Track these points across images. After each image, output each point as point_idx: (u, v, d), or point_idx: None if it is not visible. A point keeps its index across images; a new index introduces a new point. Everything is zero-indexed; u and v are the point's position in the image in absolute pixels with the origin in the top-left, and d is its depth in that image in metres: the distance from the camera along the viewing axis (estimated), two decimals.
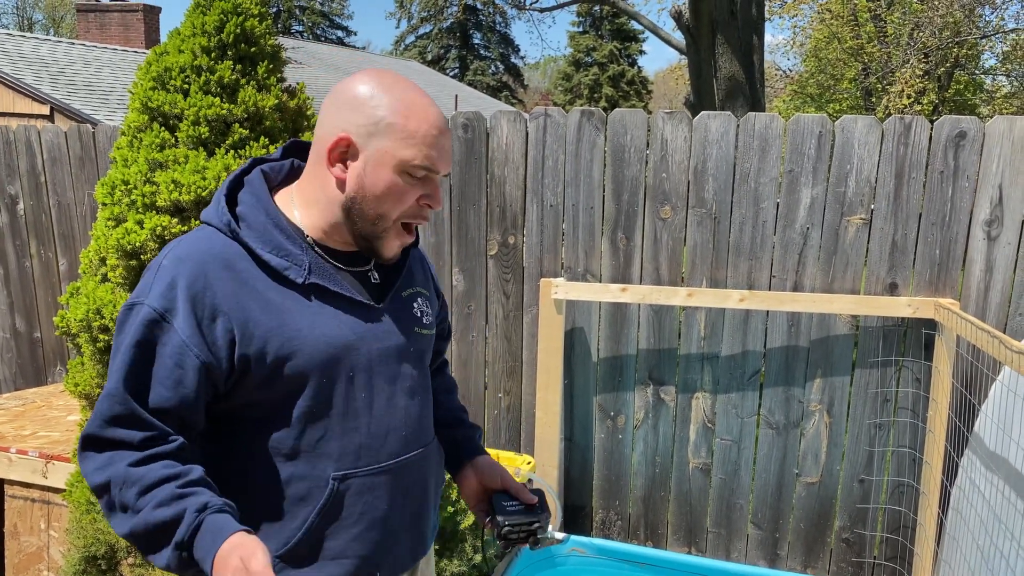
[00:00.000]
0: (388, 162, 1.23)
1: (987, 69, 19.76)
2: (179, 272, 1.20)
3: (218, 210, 1.27)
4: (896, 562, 3.14)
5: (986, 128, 2.79)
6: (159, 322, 1.18)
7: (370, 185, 1.23)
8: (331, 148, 1.23)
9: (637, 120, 3.13)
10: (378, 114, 1.22)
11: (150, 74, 2.33)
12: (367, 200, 1.24)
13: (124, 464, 1.15)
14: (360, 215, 1.26)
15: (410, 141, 1.22)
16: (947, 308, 2.76)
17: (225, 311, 1.19)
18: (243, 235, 1.24)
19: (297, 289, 1.25)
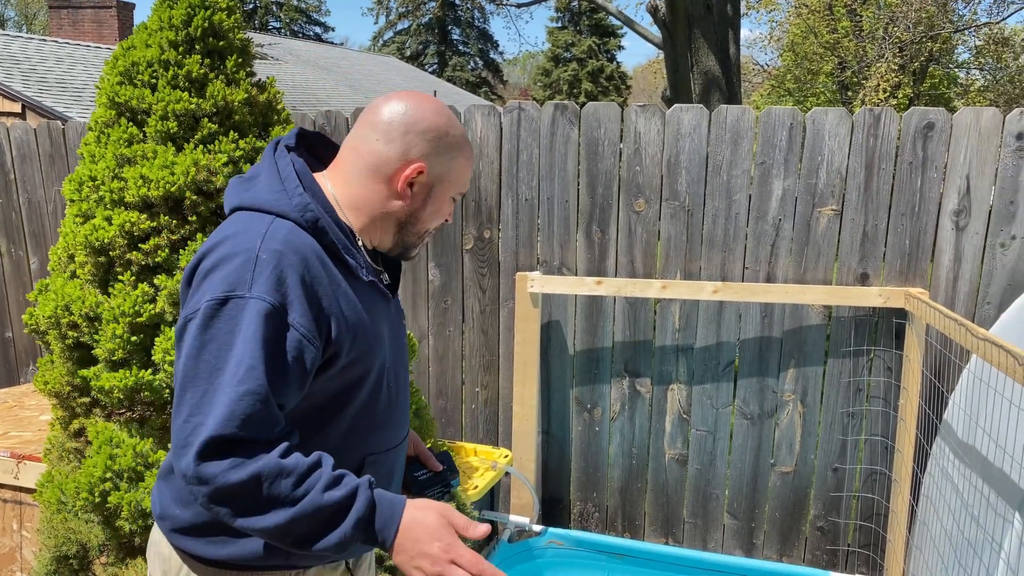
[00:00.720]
0: (449, 192, 1.39)
1: (961, 63, 19.99)
2: (285, 265, 1.20)
3: (300, 207, 1.28)
4: (870, 549, 3.18)
5: (953, 119, 2.83)
6: (276, 315, 1.17)
7: (431, 208, 1.38)
8: (406, 175, 1.33)
9: (610, 113, 3.14)
10: (453, 151, 1.36)
11: (117, 69, 2.31)
12: (423, 219, 1.38)
13: (274, 457, 1.13)
14: (412, 230, 1.39)
15: (466, 176, 1.41)
16: (917, 297, 2.79)
17: (326, 306, 1.24)
18: (330, 236, 1.29)
19: (361, 286, 1.34)
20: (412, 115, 1.33)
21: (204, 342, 1.16)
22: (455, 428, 3.60)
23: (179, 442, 1.13)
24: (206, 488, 1.12)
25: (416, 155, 1.33)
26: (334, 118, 3.45)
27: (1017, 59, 17.88)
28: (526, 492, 3.30)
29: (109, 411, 2.35)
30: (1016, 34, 17.84)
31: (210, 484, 1.11)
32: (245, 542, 1.32)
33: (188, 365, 1.16)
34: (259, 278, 1.17)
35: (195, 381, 1.15)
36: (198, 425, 1.12)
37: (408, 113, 1.33)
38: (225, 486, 1.11)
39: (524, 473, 3.31)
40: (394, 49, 39.19)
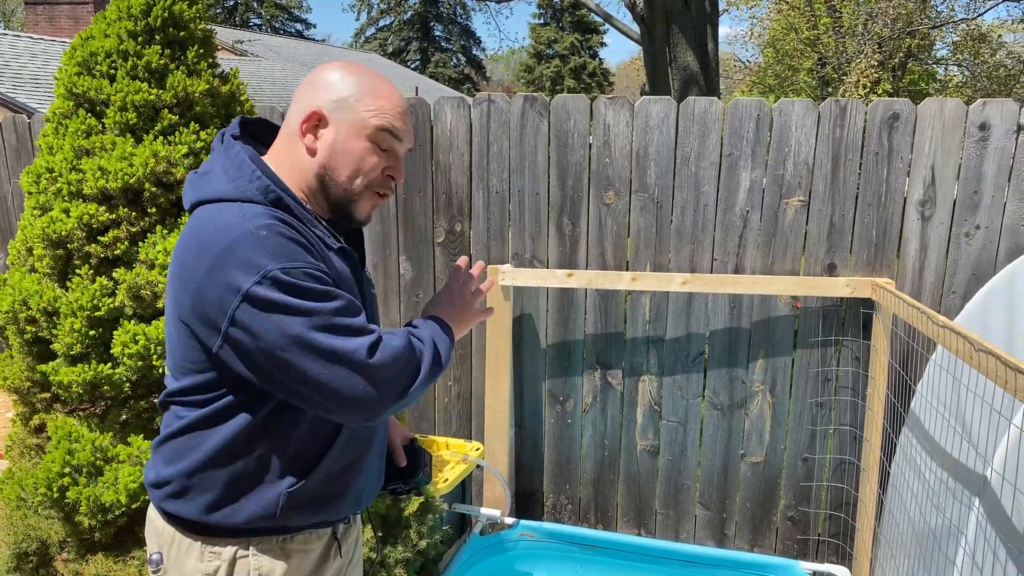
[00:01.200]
0: (357, 131, 1.37)
1: (939, 59, 20.14)
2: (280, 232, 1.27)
3: (261, 189, 1.33)
4: (839, 538, 3.20)
5: (918, 110, 2.84)
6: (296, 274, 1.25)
7: (341, 152, 1.37)
8: (304, 120, 1.37)
9: (580, 105, 3.14)
10: (347, 91, 1.37)
11: (75, 59, 2.29)
12: (338, 167, 1.38)
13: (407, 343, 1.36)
14: (332, 182, 1.39)
15: (377, 112, 1.37)
16: (883, 288, 2.81)
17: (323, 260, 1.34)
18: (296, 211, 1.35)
19: (334, 252, 1.38)
20: (311, 75, 1.41)
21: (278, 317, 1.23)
22: (428, 423, 3.59)
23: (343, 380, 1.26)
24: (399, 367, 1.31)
25: (315, 103, 1.37)
26: None
27: (994, 55, 18.03)
28: (499, 485, 3.30)
29: (72, 407, 2.32)
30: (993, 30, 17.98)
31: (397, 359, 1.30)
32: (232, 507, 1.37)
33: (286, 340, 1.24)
34: (273, 251, 1.25)
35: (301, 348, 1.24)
36: (347, 355, 1.25)
37: (316, 71, 1.42)
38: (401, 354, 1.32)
39: (497, 466, 3.30)
40: (376, 46, 39.06)
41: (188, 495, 1.39)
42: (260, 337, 1.24)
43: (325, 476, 1.41)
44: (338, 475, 1.44)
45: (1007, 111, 2.76)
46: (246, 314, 1.24)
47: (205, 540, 1.40)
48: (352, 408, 1.28)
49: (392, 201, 3.39)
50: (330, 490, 1.44)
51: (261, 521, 1.38)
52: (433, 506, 2.73)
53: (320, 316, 1.25)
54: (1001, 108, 2.77)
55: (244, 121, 1.47)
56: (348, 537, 1.59)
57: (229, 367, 1.31)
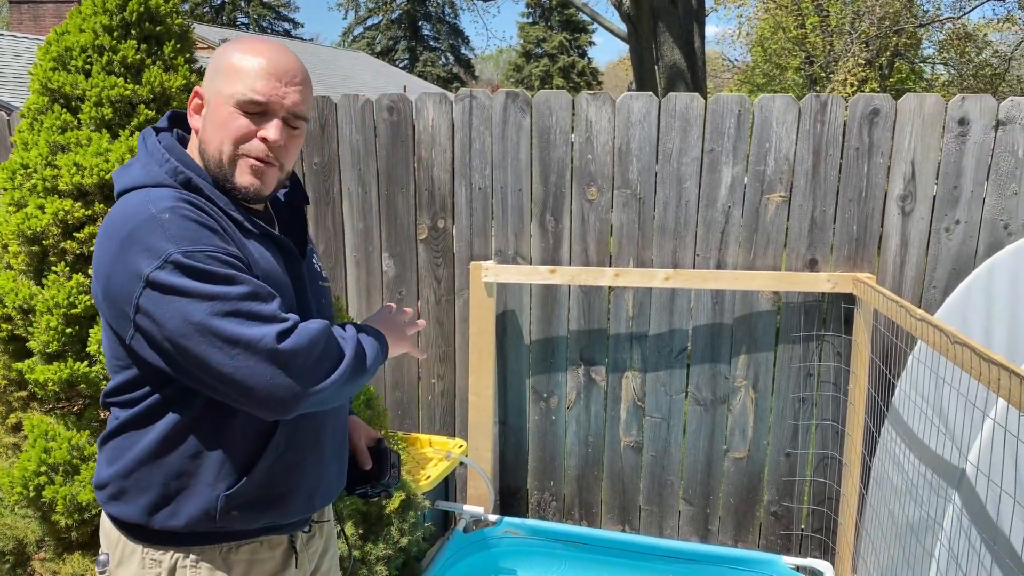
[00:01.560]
0: (222, 100, 1.34)
1: (925, 58, 20.25)
2: (185, 214, 1.25)
3: (171, 170, 1.32)
4: (822, 533, 3.21)
5: (898, 105, 2.85)
6: (201, 257, 1.22)
7: (210, 123, 1.35)
8: (189, 103, 1.40)
9: (562, 102, 3.14)
10: (217, 63, 1.37)
11: (50, 54, 2.27)
12: (209, 138, 1.35)
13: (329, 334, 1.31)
14: (206, 154, 1.36)
15: (238, 76, 1.33)
16: (864, 282, 2.82)
17: (237, 244, 1.31)
18: (207, 192, 1.33)
19: (254, 236, 1.36)
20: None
21: (181, 303, 1.20)
22: (412, 420, 3.58)
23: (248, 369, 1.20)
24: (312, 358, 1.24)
25: (201, 83, 1.40)
26: None
27: (980, 53, 18.13)
28: (482, 482, 3.29)
29: (49, 405, 2.30)
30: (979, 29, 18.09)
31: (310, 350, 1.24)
32: (169, 508, 1.34)
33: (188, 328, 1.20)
34: (176, 234, 1.22)
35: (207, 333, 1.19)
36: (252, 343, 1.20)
37: None
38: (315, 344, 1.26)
39: (481, 463, 3.30)
40: (364, 45, 38.97)
41: (126, 496, 1.36)
42: (164, 324, 1.21)
43: (265, 477, 1.37)
44: (281, 476, 1.39)
45: (986, 107, 2.77)
46: (149, 300, 1.21)
47: (147, 546, 1.38)
48: (262, 400, 1.22)
49: (374, 198, 3.38)
50: (273, 491, 1.39)
51: (202, 525, 1.35)
52: (415, 503, 2.73)
53: (223, 301, 1.20)
54: (980, 104, 2.78)
55: (175, 115, 1.47)
56: (310, 547, 1.55)
57: (146, 360, 1.28)
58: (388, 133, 3.31)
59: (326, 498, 1.52)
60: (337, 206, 3.43)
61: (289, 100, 1.36)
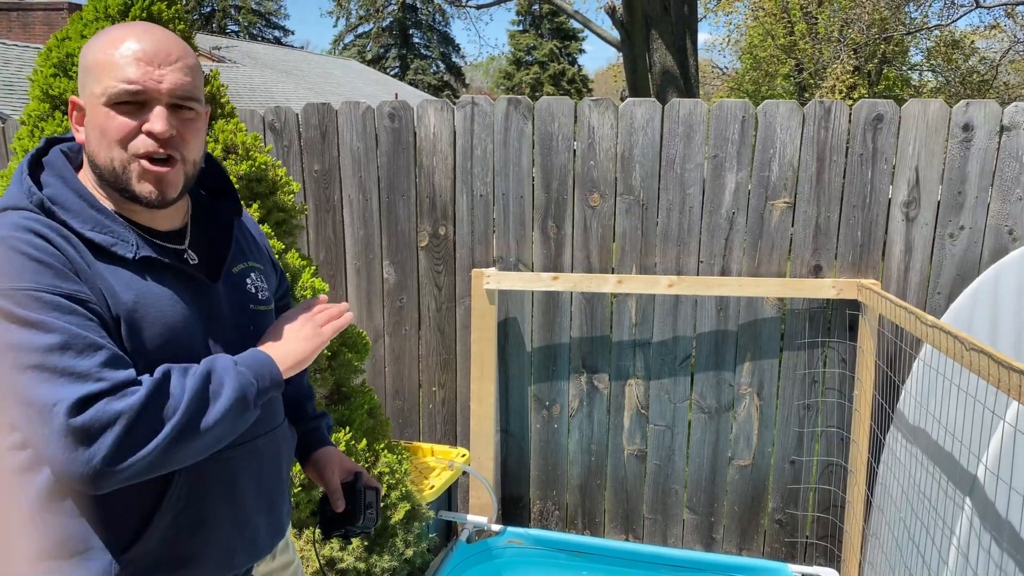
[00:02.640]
0: (96, 102, 1.18)
1: (913, 65, 20.40)
2: (18, 244, 1.09)
3: (26, 191, 1.17)
4: (828, 540, 3.19)
5: (902, 111, 2.85)
6: (35, 296, 1.06)
7: (91, 132, 1.20)
8: (70, 117, 1.24)
9: (564, 108, 3.12)
10: (83, 64, 1.21)
11: (51, 60, 2.24)
12: (95, 149, 1.20)
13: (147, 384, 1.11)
14: (95, 166, 1.21)
15: (103, 71, 1.17)
16: (869, 288, 2.81)
17: (85, 280, 1.13)
18: (60, 215, 1.16)
19: (127, 266, 1.19)
20: None
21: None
22: (413, 429, 3.55)
23: (44, 439, 1.03)
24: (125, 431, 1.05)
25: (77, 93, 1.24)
26: (283, 114, 3.39)
27: (967, 60, 18.28)
28: (485, 492, 3.26)
29: None
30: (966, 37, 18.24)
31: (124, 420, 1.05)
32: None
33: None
34: (2, 269, 1.07)
35: (9, 390, 1.04)
36: (46, 408, 1.03)
37: None
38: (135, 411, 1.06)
39: (483, 472, 3.27)
40: (355, 52, 38.96)
41: None
42: None
43: (166, 537, 1.21)
44: (187, 533, 1.23)
45: (990, 112, 2.77)
46: None
47: None
48: (60, 476, 1.05)
49: (375, 205, 3.36)
50: (178, 552, 1.23)
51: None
52: (420, 514, 2.69)
53: (27, 352, 1.03)
54: (984, 109, 2.78)
55: (52, 140, 1.31)
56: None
57: None
58: (389, 140, 3.29)
59: (253, 554, 1.37)
60: (338, 213, 3.40)
61: (168, 82, 1.18)
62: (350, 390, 2.69)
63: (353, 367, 2.67)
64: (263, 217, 2.51)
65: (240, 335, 1.31)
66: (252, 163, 2.44)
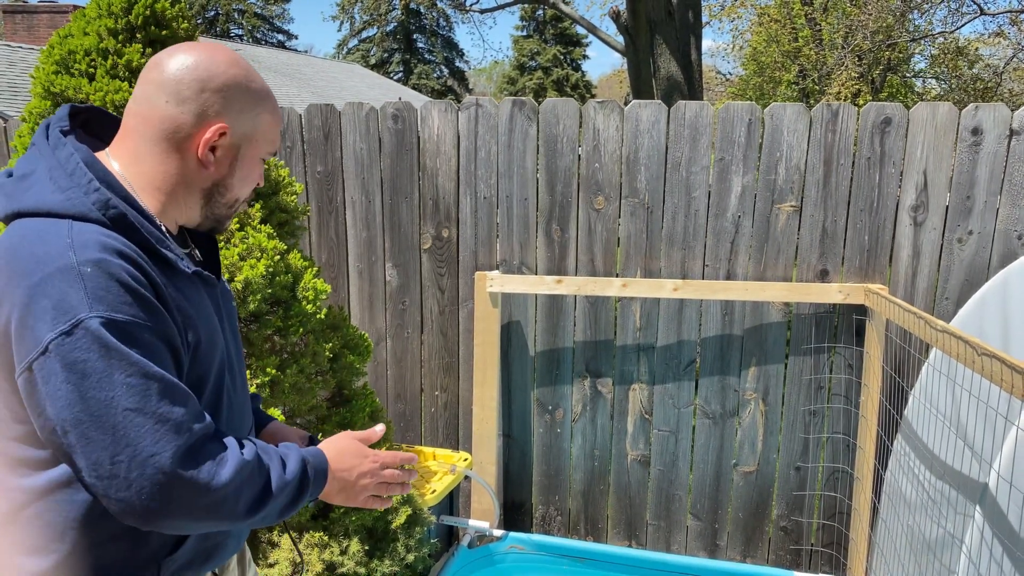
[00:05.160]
0: (258, 153, 1.26)
1: (917, 72, 20.38)
2: (113, 271, 1.05)
3: (97, 201, 1.11)
4: (833, 548, 3.16)
5: (910, 115, 2.83)
6: (131, 326, 1.05)
7: (240, 173, 1.25)
8: (207, 138, 1.19)
9: (569, 110, 3.10)
10: (256, 109, 1.24)
11: (53, 57, 2.22)
12: (232, 186, 1.25)
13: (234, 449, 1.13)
14: (222, 200, 1.26)
15: (274, 136, 1.28)
16: (877, 293, 2.78)
17: (162, 304, 1.12)
18: (144, 233, 1.13)
19: (184, 281, 1.20)
20: (206, 69, 1.18)
21: (78, 380, 1.02)
22: (415, 432, 3.52)
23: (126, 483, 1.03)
24: (208, 496, 1.07)
25: (215, 115, 1.18)
26: (287, 114, 3.37)
27: (971, 68, 18.25)
28: (487, 496, 3.23)
29: None
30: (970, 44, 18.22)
31: (195, 497, 1.07)
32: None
33: (78, 411, 1.02)
34: (96, 294, 1.03)
35: (96, 424, 1.02)
36: (142, 456, 1.03)
37: (200, 67, 1.18)
38: (212, 491, 1.08)
39: (485, 477, 3.24)
40: (359, 57, 39.02)
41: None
42: (52, 399, 1.02)
43: (203, 534, 1.25)
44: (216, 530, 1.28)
45: (999, 116, 2.75)
46: (43, 370, 1.01)
47: None
48: (117, 511, 1.05)
49: (378, 207, 3.34)
50: (211, 543, 1.29)
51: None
52: (422, 518, 2.66)
53: (129, 393, 1.03)
54: (993, 113, 2.75)
55: (75, 110, 1.24)
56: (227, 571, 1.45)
57: None
58: (393, 141, 3.27)
59: (245, 533, 1.45)
60: (340, 215, 3.38)
61: None
62: (352, 393, 2.67)
63: (355, 369, 2.64)
64: (265, 217, 2.49)
65: (234, 331, 1.37)
66: None
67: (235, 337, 1.38)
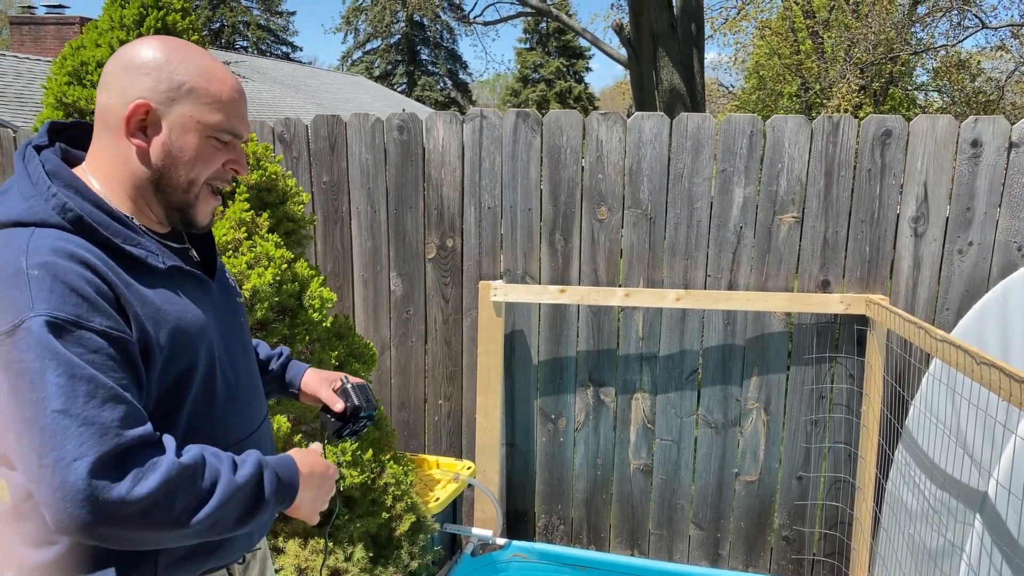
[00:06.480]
0: (195, 128, 1.20)
1: (919, 85, 20.44)
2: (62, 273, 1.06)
3: (56, 206, 1.13)
4: (835, 558, 3.17)
5: (910, 127, 2.86)
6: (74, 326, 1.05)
7: (178, 152, 1.20)
8: (128, 117, 1.18)
9: (572, 121, 3.13)
10: (177, 79, 1.19)
11: (65, 69, 2.26)
12: (176, 168, 1.21)
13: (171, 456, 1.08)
14: (171, 184, 1.22)
15: (215, 106, 1.21)
16: (878, 304, 2.80)
17: (124, 304, 1.12)
18: (103, 232, 1.15)
19: (159, 277, 1.20)
20: (124, 55, 1.20)
21: (14, 380, 1.02)
22: (418, 441, 3.54)
23: (51, 488, 1.00)
24: (134, 505, 1.02)
25: (136, 94, 1.17)
26: (293, 125, 3.41)
27: (973, 81, 18.31)
28: (490, 505, 3.25)
29: None
30: (972, 57, 18.29)
31: (122, 507, 1.01)
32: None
33: (12, 410, 1.02)
34: (39, 295, 1.04)
35: (27, 425, 1.01)
36: (65, 460, 1.00)
37: (122, 54, 1.21)
38: (138, 500, 1.02)
39: (488, 485, 3.25)
40: (363, 69, 39.22)
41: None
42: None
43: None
44: None
45: (999, 128, 2.78)
46: None
47: None
48: (53, 522, 1.02)
49: (383, 216, 3.37)
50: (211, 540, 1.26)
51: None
52: (425, 526, 2.68)
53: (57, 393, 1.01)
54: (993, 125, 2.78)
55: (55, 127, 1.27)
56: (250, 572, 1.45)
57: None
58: (398, 152, 3.30)
59: (264, 531, 1.45)
60: (346, 225, 3.41)
61: (247, 126, 1.29)
62: None
63: (359, 378, 2.66)
64: (273, 226, 2.52)
65: (232, 328, 1.36)
66: (263, 173, 2.45)
67: (239, 332, 1.38)
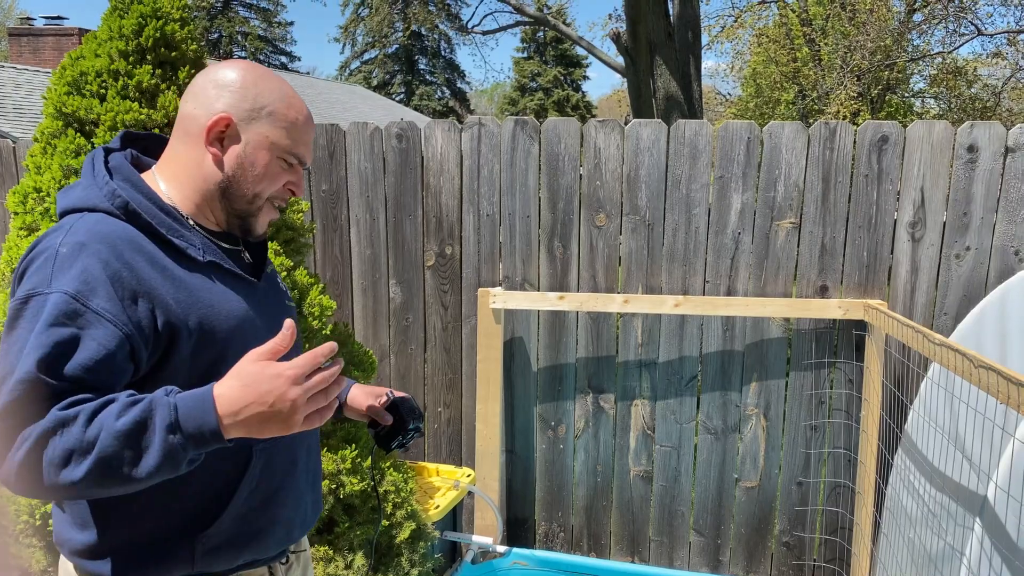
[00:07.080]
0: (267, 146, 1.31)
1: (916, 92, 20.51)
2: (87, 254, 1.15)
3: (108, 193, 1.24)
4: (835, 563, 3.16)
5: (907, 132, 2.87)
6: (74, 303, 1.11)
7: (249, 166, 1.31)
8: (211, 127, 1.28)
9: (570, 128, 3.15)
10: (260, 101, 1.31)
11: (65, 79, 2.26)
12: (245, 180, 1.31)
13: (53, 412, 1.06)
14: (237, 194, 1.32)
15: (289, 131, 1.32)
16: (876, 309, 2.81)
17: (145, 292, 1.18)
18: (146, 218, 1.24)
19: (198, 268, 1.28)
20: (215, 72, 1.32)
21: (8, 345, 1.11)
22: (417, 448, 3.54)
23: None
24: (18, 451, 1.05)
25: (221, 107, 1.29)
26: None
27: (969, 88, 18.38)
28: (490, 512, 3.25)
29: None
30: (968, 64, 18.36)
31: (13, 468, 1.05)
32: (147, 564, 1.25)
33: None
34: (59, 273, 1.13)
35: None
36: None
37: (215, 71, 1.32)
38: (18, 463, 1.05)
39: (488, 493, 3.25)
40: (361, 79, 39.29)
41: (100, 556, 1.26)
42: None
43: (241, 512, 1.30)
44: (258, 509, 1.33)
45: (995, 134, 2.79)
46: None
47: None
48: None
49: (382, 224, 3.38)
50: (251, 527, 1.33)
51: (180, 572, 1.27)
52: (425, 533, 2.68)
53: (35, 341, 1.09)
54: (989, 131, 2.80)
55: (129, 135, 1.40)
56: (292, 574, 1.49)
57: None
58: (397, 160, 3.32)
59: (305, 528, 1.47)
60: (344, 233, 3.42)
61: (311, 155, 1.40)
62: None
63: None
64: (272, 235, 2.52)
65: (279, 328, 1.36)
66: None
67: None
